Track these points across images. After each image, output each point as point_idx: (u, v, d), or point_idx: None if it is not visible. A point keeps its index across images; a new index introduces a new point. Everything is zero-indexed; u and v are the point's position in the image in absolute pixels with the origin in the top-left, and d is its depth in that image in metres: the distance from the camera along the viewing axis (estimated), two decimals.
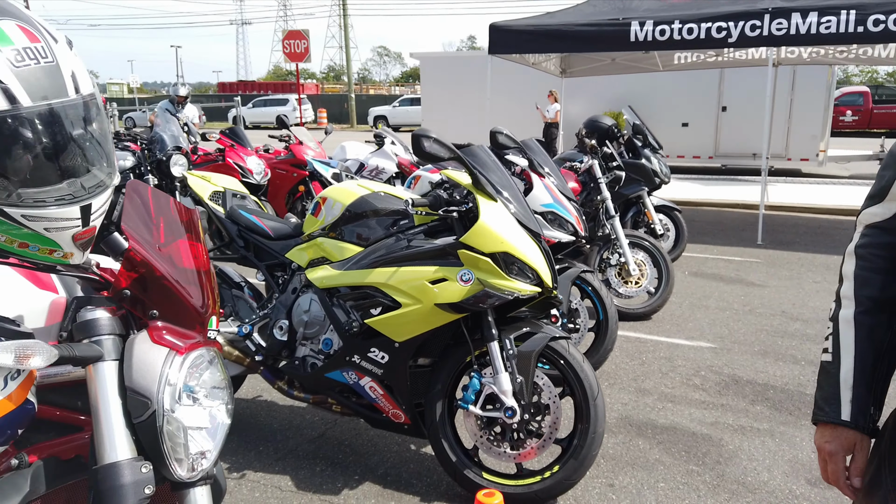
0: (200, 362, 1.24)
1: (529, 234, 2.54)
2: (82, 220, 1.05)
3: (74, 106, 1.01)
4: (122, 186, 1.66)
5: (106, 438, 1.14)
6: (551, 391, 2.53)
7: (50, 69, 0.98)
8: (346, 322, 2.66)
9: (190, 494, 1.25)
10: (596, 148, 4.89)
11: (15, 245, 1.01)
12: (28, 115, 0.95)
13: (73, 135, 1.02)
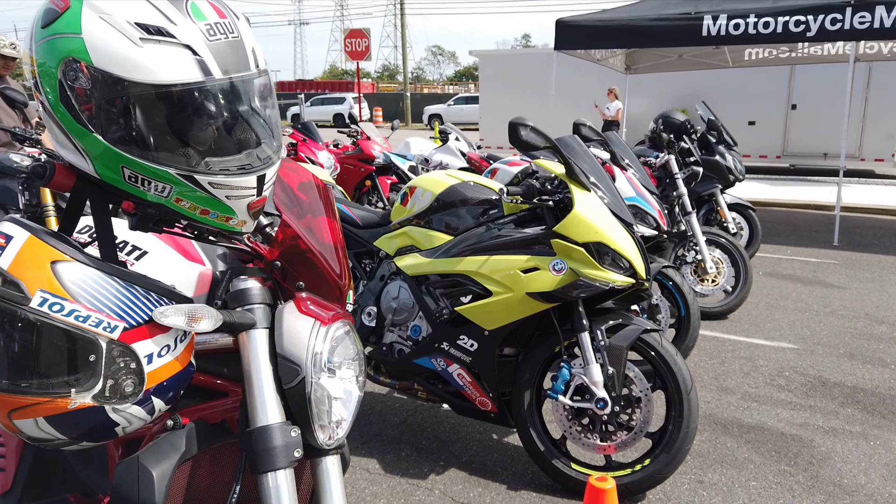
0: (339, 334, 1.28)
1: (623, 225, 2.52)
2: (257, 189, 1.09)
3: (254, 80, 1.06)
4: None
5: (258, 402, 1.18)
6: (643, 384, 2.51)
7: (236, 44, 1.03)
8: (436, 309, 2.69)
9: (323, 462, 1.28)
10: (673, 142, 4.80)
11: (197, 212, 1.07)
12: (218, 87, 1.01)
13: (253, 107, 1.07)
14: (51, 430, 1.03)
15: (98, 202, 1.08)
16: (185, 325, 1.07)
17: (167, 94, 0.97)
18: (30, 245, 0.99)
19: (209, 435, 1.26)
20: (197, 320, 1.09)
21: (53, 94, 0.98)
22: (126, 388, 1.04)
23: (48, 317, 0.97)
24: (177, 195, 1.03)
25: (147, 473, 1.13)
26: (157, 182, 1.01)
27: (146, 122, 0.98)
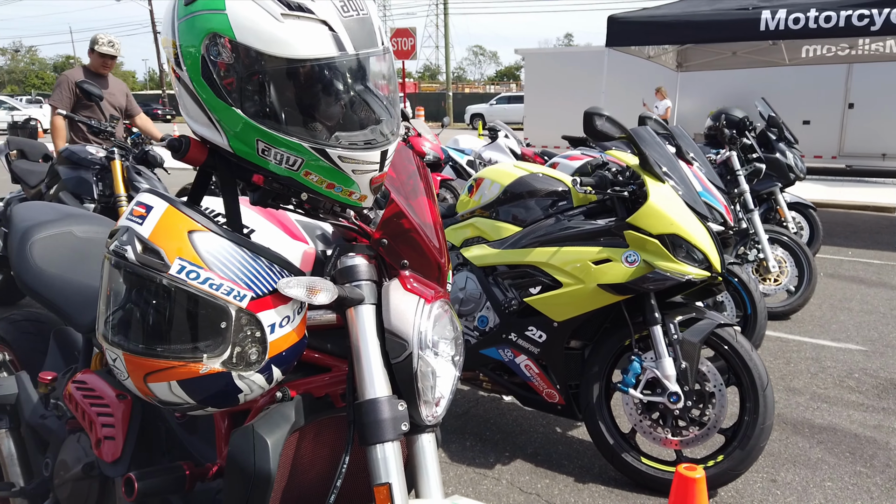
0: (440, 312, 1.30)
1: (698, 217, 2.49)
2: (380, 164, 1.12)
3: (380, 57, 1.08)
4: None
5: (366, 376, 1.21)
6: (717, 379, 2.47)
7: (365, 21, 1.06)
8: (505, 300, 2.70)
9: (420, 440, 1.30)
10: (735, 138, 4.71)
11: (324, 185, 1.10)
12: (349, 63, 1.03)
13: (378, 83, 1.09)
14: (181, 394, 1.07)
15: (226, 177, 1.12)
16: (305, 297, 1.10)
17: (305, 68, 1.00)
18: (168, 215, 1.03)
19: (314, 408, 1.29)
20: (315, 292, 1.11)
21: (194, 70, 1.01)
22: (251, 356, 1.07)
23: (185, 284, 1.01)
24: (306, 169, 1.06)
25: (262, 441, 1.17)
26: (289, 155, 1.04)
27: (283, 96, 1.01)
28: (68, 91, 4.33)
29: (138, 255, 1.02)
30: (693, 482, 1.60)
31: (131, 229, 1.04)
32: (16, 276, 1.85)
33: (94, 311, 1.73)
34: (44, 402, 1.75)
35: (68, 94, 4.33)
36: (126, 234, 1.05)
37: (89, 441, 1.53)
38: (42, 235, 1.88)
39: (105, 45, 4.49)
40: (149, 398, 1.12)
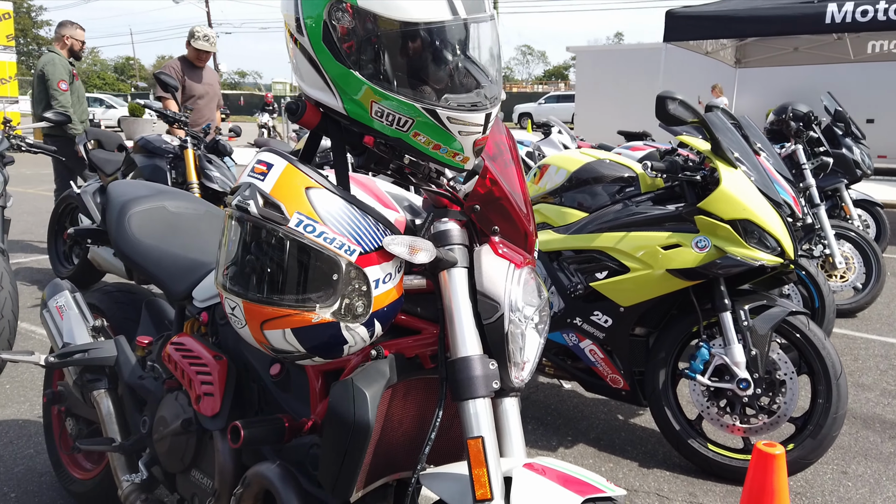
0: (529, 279, 1.34)
1: (770, 203, 2.46)
2: (483, 127, 1.17)
3: (488, 23, 1.13)
4: None
5: (458, 335, 1.25)
6: (788, 368, 2.44)
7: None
8: (570, 284, 2.71)
9: (504, 403, 1.34)
10: (802, 131, 4.61)
11: (430, 147, 1.15)
12: (461, 27, 1.09)
13: (483, 48, 1.14)
14: (294, 342, 1.14)
15: (337, 140, 1.18)
16: (407, 255, 1.16)
17: (420, 31, 1.05)
18: (288, 172, 1.10)
19: (405, 367, 1.35)
20: (416, 251, 1.17)
21: (315, 35, 1.08)
22: (358, 309, 1.13)
23: (302, 236, 1.08)
24: (415, 130, 1.12)
25: (361, 393, 1.23)
26: (400, 115, 1.10)
27: (398, 59, 1.07)
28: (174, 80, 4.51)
29: (260, 209, 1.09)
30: (772, 458, 1.60)
31: (253, 185, 1.12)
32: (115, 246, 1.97)
33: (187, 280, 1.83)
34: (141, 364, 1.86)
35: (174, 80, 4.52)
36: (248, 189, 1.12)
37: (187, 399, 1.62)
38: (138, 209, 2.00)
39: (200, 39, 4.69)
40: (263, 346, 1.19)
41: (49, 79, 4.86)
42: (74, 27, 5.10)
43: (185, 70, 4.87)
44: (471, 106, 1.13)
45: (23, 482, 2.39)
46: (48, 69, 4.88)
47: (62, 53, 5.06)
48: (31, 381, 3.27)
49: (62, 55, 5.04)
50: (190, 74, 4.89)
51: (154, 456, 1.73)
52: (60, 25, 5.11)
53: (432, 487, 1.28)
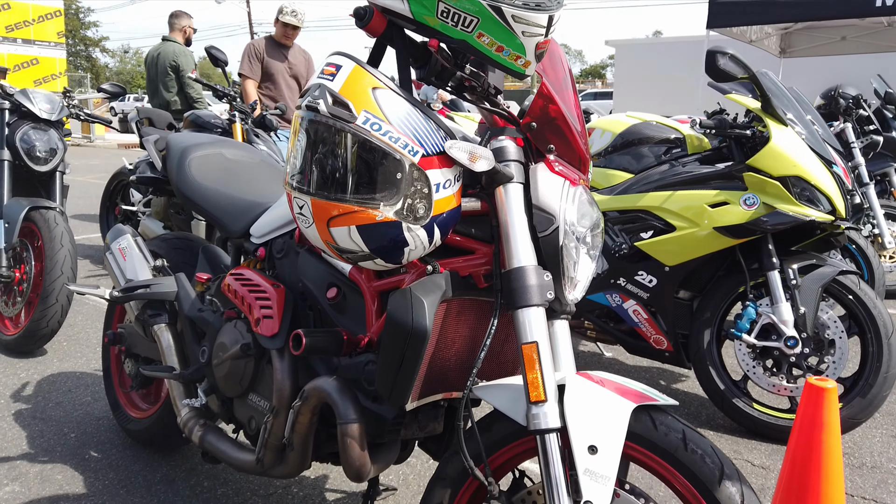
0: (584, 198, 1.36)
1: (821, 161, 2.44)
2: (546, 29, 1.19)
3: None
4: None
5: (513, 247, 1.28)
6: (838, 327, 2.41)
7: None
8: (614, 245, 2.72)
9: (555, 325, 1.36)
10: (851, 109, 4.52)
11: (493, 49, 1.18)
12: None
13: None
14: (358, 240, 1.18)
15: (402, 48, 1.22)
16: (467, 161, 1.19)
17: None
18: (356, 73, 1.15)
19: (459, 285, 1.38)
20: (475, 158, 1.20)
21: None
22: (419, 211, 1.17)
23: (369, 134, 1.12)
24: (480, 30, 1.15)
25: (419, 300, 1.26)
26: (467, 15, 1.13)
27: None
28: (254, 59, 4.55)
29: (329, 107, 1.14)
30: (824, 391, 1.58)
31: (323, 85, 1.17)
32: (176, 188, 2.04)
33: (244, 218, 1.90)
34: (200, 298, 1.94)
35: (254, 62, 4.56)
36: (318, 89, 1.17)
37: (245, 326, 1.68)
38: (198, 154, 2.08)
39: (288, 14, 4.76)
40: (328, 245, 1.24)
41: (183, 70, 5.15)
42: (189, 17, 5.37)
43: (268, 48, 4.82)
44: (535, 5, 1.16)
45: (81, 424, 2.50)
46: (181, 60, 5.17)
47: (180, 41, 5.28)
48: (86, 339, 3.40)
49: (181, 44, 5.27)
50: (271, 53, 4.83)
51: (212, 384, 1.79)
52: (176, 16, 5.33)
53: (485, 396, 1.32)
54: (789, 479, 1.63)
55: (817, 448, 1.58)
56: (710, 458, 1.18)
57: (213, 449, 1.74)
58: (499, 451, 1.31)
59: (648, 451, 1.21)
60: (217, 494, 2.07)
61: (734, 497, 1.14)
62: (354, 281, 1.52)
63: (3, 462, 2.21)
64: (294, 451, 1.52)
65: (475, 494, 1.34)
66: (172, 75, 5.18)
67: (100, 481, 2.12)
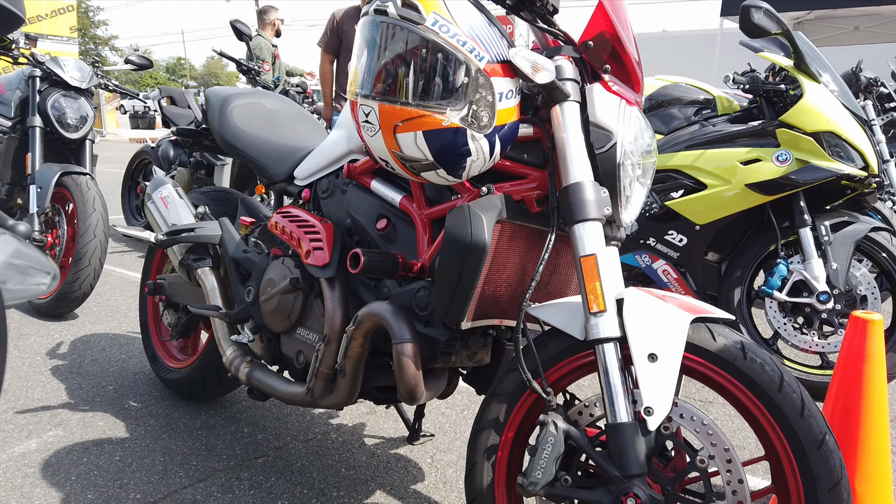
0: (638, 118, 1.38)
1: (854, 118, 2.45)
2: None
3: None
4: None
5: (570, 164, 1.29)
6: (870, 283, 2.42)
7: None
8: (644, 204, 2.73)
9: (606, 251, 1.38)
10: (872, 85, 4.51)
11: None
12: None
13: None
14: (423, 147, 1.21)
15: None
16: (530, 71, 1.21)
17: None
18: None
19: (513, 208, 1.40)
20: (538, 69, 1.22)
21: None
22: (483, 119, 1.19)
23: (437, 36, 1.14)
24: None
25: (478, 216, 1.28)
26: None
27: None
28: (331, 32, 4.27)
29: (398, 9, 1.16)
30: (869, 323, 1.60)
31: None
32: (218, 136, 2.07)
33: (287, 162, 1.92)
34: (244, 241, 1.96)
35: (332, 35, 4.27)
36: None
37: (293, 262, 1.71)
38: (239, 103, 2.10)
39: None
40: (393, 154, 1.26)
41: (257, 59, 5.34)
42: (275, 10, 5.65)
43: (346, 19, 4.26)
44: None
45: (118, 378, 2.53)
46: (256, 52, 5.37)
47: (268, 35, 5.54)
48: (115, 306, 3.44)
49: (267, 37, 5.53)
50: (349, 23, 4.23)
51: (258, 322, 1.82)
52: (265, 12, 5.58)
53: (541, 315, 1.33)
54: (833, 410, 1.64)
55: (860, 379, 1.60)
56: (769, 367, 1.19)
57: (260, 384, 1.76)
58: (554, 367, 1.33)
59: (707, 360, 1.23)
60: (258, 439, 2.10)
61: (795, 402, 1.16)
62: (405, 211, 1.54)
63: (44, 410, 2.25)
64: (345, 378, 1.54)
65: (531, 409, 1.36)
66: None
67: (141, 427, 2.15)
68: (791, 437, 1.15)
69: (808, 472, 1.13)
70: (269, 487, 1.83)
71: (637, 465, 1.16)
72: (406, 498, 1.80)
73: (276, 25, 5.61)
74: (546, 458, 1.21)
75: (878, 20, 9.14)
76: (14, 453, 1.97)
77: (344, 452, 2.03)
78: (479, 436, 1.37)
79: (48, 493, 1.77)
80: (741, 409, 1.23)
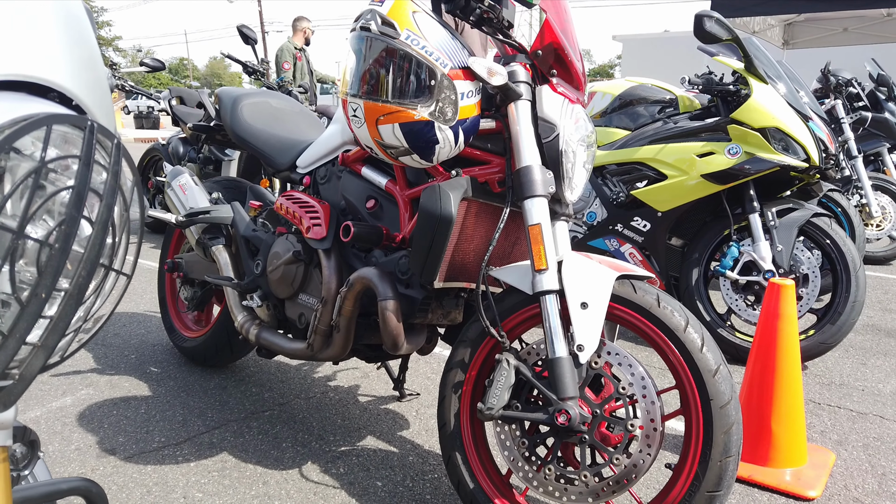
0: (580, 114, 1.66)
1: (798, 116, 2.73)
2: None
3: None
4: None
5: (522, 152, 1.58)
6: (812, 263, 2.70)
7: None
8: (612, 194, 3.02)
9: (556, 226, 1.66)
10: (841, 86, 4.79)
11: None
12: None
13: None
14: (399, 136, 1.50)
15: None
16: (486, 75, 1.50)
17: None
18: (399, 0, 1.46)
19: (477, 188, 1.69)
20: (493, 74, 1.51)
21: None
22: (448, 113, 1.48)
23: (410, 48, 1.43)
24: None
25: (446, 193, 1.57)
26: None
27: None
28: None
29: (379, 27, 1.45)
30: (781, 287, 1.89)
31: (374, 10, 1.47)
32: (230, 130, 2.36)
33: (290, 153, 2.21)
34: (253, 221, 2.26)
35: None
36: (370, 13, 1.48)
37: (296, 237, 2.00)
38: (249, 101, 2.40)
39: None
40: (376, 142, 1.55)
41: (279, 62, 6.36)
42: (307, 20, 6.58)
43: None
44: None
45: (139, 348, 2.82)
46: (279, 54, 6.40)
47: (296, 41, 6.45)
48: (131, 290, 3.73)
49: (294, 42, 6.43)
50: None
51: (265, 291, 2.11)
52: (298, 20, 6.54)
53: (499, 275, 1.62)
54: (754, 362, 1.93)
55: (774, 335, 1.89)
56: (678, 313, 1.48)
57: (267, 343, 2.05)
58: (510, 317, 1.62)
59: (629, 309, 1.51)
60: (264, 397, 2.39)
61: (696, 340, 1.44)
62: (389, 192, 1.83)
63: (75, 374, 2.54)
64: (340, 333, 1.83)
65: (490, 352, 1.64)
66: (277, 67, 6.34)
67: (162, 387, 2.44)
68: (692, 368, 1.44)
69: (704, 395, 1.42)
70: (275, 434, 2.12)
71: (571, 390, 1.44)
72: (393, 441, 2.09)
73: (305, 34, 6.51)
74: (500, 387, 1.49)
75: (865, 22, 9.39)
76: (52, 407, 2.27)
77: (340, 408, 2.33)
78: (448, 374, 1.66)
79: (85, 437, 2.07)
80: (657, 347, 1.51)
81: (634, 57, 15.83)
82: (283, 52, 6.48)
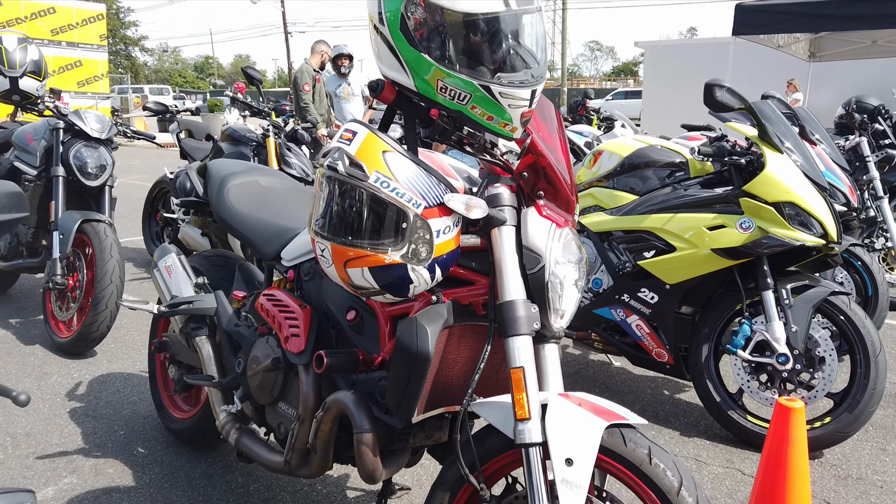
0: (569, 238, 1.55)
1: (815, 188, 2.57)
2: (529, 101, 1.39)
3: (535, 14, 1.35)
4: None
5: (506, 283, 1.47)
6: (828, 345, 2.55)
7: None
8: (619, 263, 2.89)
9: (545, 349, 1.55)
10: (866, 123, 4.59)
11: (485, 118, 1.38)
12: (512, 17, 1.31)
13: (531, 35, 1.36)
14: (370, 279, 1.40)
15: (408, 113, 1.43)
16: (464, 210, 1.39)
17: (479, 21, 1.28)
18: (369, 139, 1.36)
19: (460, 312, 1.58)
20: (471, 208, 1.40)
21: (394, 26, 1.33)
22: (422, 254, 1.38)
23: (379, 191, 1.33)
24: (472, 103, 1.35)
25: (423, 328, 1.47)
26: (461, 91, 1.33)
27: (460, 43, 1.30)
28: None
29: (346, 168, 1.35)
30: (791, 411, 1.75)
31: (342, 149, 1.37)
32: (215, 213, 2.28)
33: (276, 242, 2.12)
34: (236, 314, 2.17)
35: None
36: (338, 152, 1.38)
37: (276, 341, 1.91)
38: (235, 182, 2.31)
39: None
40: (345, 283, 1.45)
41: (299, 84, 6.48)
42: (326, 44, 6.84)
43: None
44: (519, 83, 1.35)
45: (129, 422, 2.76)
46: (299, 76, 6.52)
47: (312, 63, 6.65)
48: (132, 342, 3.69)
49: (311, 65, 6.63)
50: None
51: (246, 391, 2.02)
52: (317, 43, 6.81)
53: (481, 412, 1.52)
54: (761, 489, 1.80)
55: (784, 462, 1.75)
56: (671, 472, 1.36)
57: (247, 450, 1.97)
58: (492, 461, 1.51)
59: (618, 463, 1.40)
60: (250, 490, 2.31)
61: None
62: (371, 306, 1.73)
63: (61, 456, 2.49)
64: (317, 455, 1.74)
65: (471, 498, 1.54)
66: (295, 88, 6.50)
67: (147, 475, 2.38)
68: None
69: None
70: None
71: None
72: None
73: (322, 57, 6.73)
74: None
75: (894, 34, 9.06)
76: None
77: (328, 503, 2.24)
78: None
79: None
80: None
81: (656, 63, 15.51)
82: (302, 74, 6.57)
